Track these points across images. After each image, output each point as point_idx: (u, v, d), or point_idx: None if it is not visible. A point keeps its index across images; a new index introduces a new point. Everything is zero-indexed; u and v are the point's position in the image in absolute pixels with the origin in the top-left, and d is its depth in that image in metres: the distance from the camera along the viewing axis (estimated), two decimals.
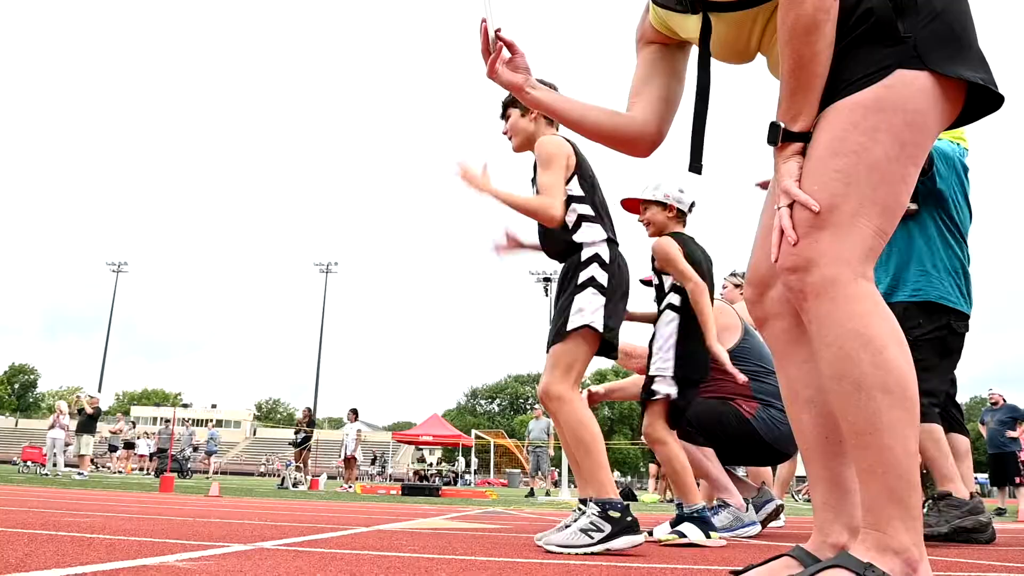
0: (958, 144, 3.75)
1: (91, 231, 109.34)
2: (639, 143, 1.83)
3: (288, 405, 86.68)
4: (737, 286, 4.95)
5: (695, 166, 1.69)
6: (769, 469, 4.62)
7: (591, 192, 2.91)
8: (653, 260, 3.42)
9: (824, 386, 1.43)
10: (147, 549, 2.02)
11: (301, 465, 16.11)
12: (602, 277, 2.79)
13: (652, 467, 16.06)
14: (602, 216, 2.92)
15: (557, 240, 2.92)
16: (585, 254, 2.82)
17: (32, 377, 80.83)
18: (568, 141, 2.95)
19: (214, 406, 76.97)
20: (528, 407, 72.54)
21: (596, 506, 2.51)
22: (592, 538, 2.45)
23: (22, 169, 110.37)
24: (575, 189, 2.88)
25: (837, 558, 1.33)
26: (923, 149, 1.42)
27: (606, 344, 2.78)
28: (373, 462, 37.63)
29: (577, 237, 2.85)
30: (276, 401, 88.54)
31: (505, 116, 3.10)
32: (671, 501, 13.28)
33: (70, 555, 1.80)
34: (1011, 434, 11.08)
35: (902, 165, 1.39)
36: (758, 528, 3.80)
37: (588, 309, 2.73)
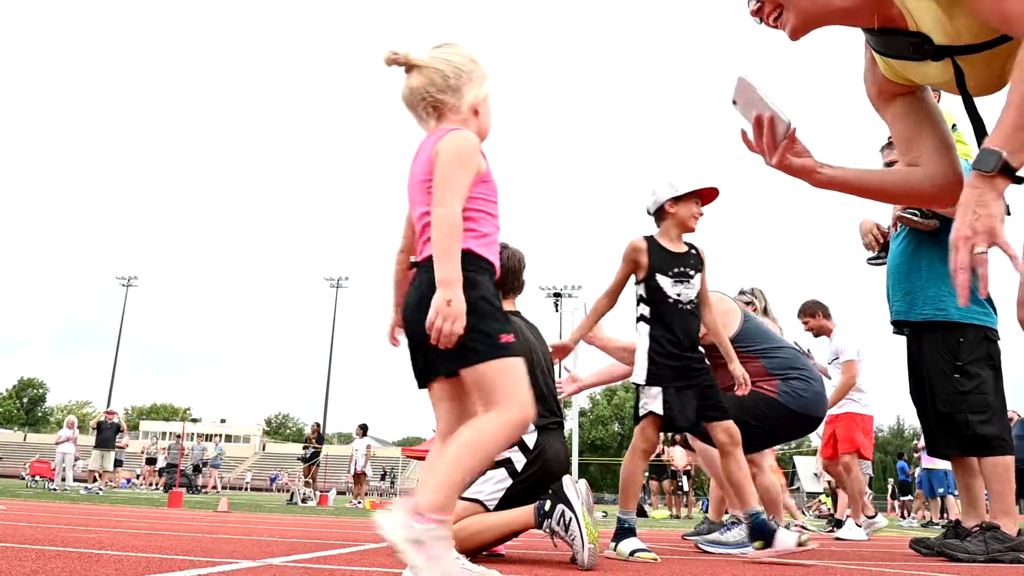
0: (967, 160, 3.77)
1: (101, 245, 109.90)
2: (946, 192, 1.78)
3: (297, 420, 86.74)
4: (748, 303, 4.91)
5: None
6: (781, 495, 4.56)
7: None
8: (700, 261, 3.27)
9: None
10: (155, 565, 2.01)
11: (310, 480, 16.08)
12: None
13: (654, 483, 15.96)
14: None
15: None
16: None
17: (41, 391, 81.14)
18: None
19: (223, 421, 76.95)
20: None
21: None
22: None
23: (32, 183, 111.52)
24: None
25: None
26: None
27: None
28: (383, 478, 37.61)
29: None
30: (285, 416, 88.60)
31: None
32: (677, 517, 13.23)
33: (78, 571, 1.79)
34: None
35: None
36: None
37: None
